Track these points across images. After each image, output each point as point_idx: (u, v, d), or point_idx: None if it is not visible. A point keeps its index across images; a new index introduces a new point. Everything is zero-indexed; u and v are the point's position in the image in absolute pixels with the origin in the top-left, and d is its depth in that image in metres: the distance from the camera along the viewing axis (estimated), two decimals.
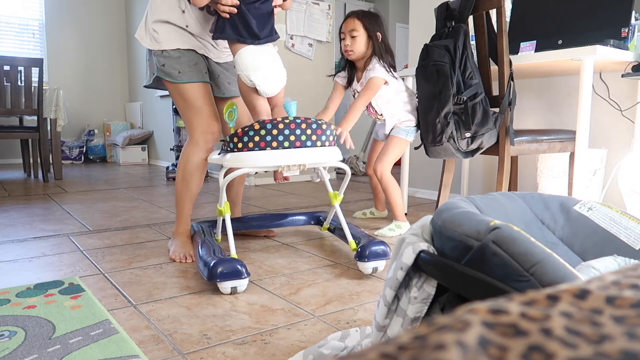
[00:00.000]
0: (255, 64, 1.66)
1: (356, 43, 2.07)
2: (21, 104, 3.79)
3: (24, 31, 5.63)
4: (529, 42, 2.22)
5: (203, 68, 1.83)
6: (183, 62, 1.77)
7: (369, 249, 1.57)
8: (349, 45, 2.08)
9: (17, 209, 2.75)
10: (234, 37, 1.67)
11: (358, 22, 2.07)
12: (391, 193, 2.24)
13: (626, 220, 0.79)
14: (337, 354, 0.97)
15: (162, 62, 1.77)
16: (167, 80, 1.79)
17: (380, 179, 2.23)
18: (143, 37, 1.82)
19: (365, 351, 0.24)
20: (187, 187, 1.83)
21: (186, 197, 1.85)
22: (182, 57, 1.78)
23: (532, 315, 0.27)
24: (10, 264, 1.73)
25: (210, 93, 1.85)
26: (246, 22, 1.65)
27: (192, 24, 1.78)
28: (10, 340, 1.11)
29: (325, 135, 1.63)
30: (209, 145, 1.81)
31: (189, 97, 1.79)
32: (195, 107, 1.79)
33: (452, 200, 0.76)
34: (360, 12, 2.12)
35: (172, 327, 1.21)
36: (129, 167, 5.41)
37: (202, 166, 1.83)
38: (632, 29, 2.04)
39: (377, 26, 2.10)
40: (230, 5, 1.63)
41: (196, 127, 1.79)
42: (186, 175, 1.82)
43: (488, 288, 0.58)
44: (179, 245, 1.83)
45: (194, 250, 1.79)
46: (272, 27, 1.73)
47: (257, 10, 1.66)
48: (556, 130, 2.13)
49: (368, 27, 2.07)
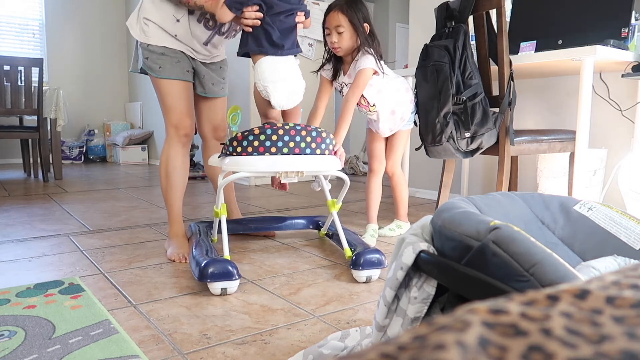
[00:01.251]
0: (273, 75, 1.65)
1: (343, 39, 1.96)
2: (21, 104, 3.79)
3: (24, 31, 5.63)
4: (529, 42, 2.22)
5: (185, 66, 1.86)
6: (165, 59, 1.82)
7: (364, 257, 1.56)
8: (336, 42, 1.97)
9: (17, 209, 2.75)
10: (256, 49, 1.68)
11: (342, 17, 1.94)
12: (402, 191, 2.22)
13: (626, 220, 0.79)
14: (337, 354, 0.97)
15: (146, 55, 1.81)
16: (149, 74, 1.84)
17: (392, 177, 2.20)
18: (133, 26, 1.85)
19: (365, 351, 0.24)
20: (170, 183, 1.86)
21: (172, 194, 1.87)
22: (165, 53, 1.83)
23: (532, 315, 0.27)
24: (10, 264, 1.73)
25: (188, 91, 1.88)
26: (268, 34, 1.65)
27: (181, 34, 1.82)
28: (10, 340, 1.11)
29: (325, 143, 1.63)
30: (181, 140, 1.85)
31: (165, 93, 1.83)
32: (169, 103, 1.84)
33: (452, 200, 0.76)
34: (343, 4, 1.95)
35: (172, 327, 1.21)
36: (129, 167, 5.41)
37: (182, 161, 1.87)
38: (632, 29, 2.04)
39: (362, 16, 1.96)
40: (254, 18, 1.63)
41: (169, 121, 1.85)
42: (168, 171, 1.85)
43: (488, 288, 0.58)
44: (176, 246, 1.83)
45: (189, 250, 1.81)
46: (295, 40, 1.72)
47: (281, 23, 1.66)
48: (556, 130, 2.13)
49: (353, 21, 1.94)
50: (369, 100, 2.05)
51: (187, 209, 2.80)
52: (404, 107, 2.09)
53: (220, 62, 2.02)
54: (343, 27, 1.94)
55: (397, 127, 2.12)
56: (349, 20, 1.94)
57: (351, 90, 1.97)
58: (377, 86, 2.02)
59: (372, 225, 2.14)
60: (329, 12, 1.98)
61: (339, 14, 1.94)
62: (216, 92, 2.01)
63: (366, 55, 1.96)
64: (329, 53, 2.10)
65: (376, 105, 2.06)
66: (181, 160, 1.86)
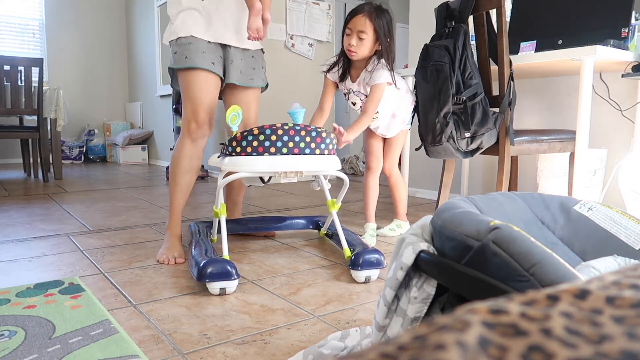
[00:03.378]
0: None
1: (363, 45, 1.90)
2: (21, 104, 3.80)
3: (24, 31, 5.63)
4: (529, 42, 2.22)
5: (211, 57, 1.79)
6: (192, 49, 1.77)
7: (363, 257, 1.55)
8: (354, 46, 1.90)
9: (17, 209, 2.75)
10: None
11: (369, 24, 1.88)
12: (400, 191, 2.22)
13: (626, 220, 0.79)
14: (337, 354, 0.97)
15: (174, 50, 1.79)
16: (175, 69, 1.80)
17: (390, 177, 2.20)
18: (167, 37, 1.86)
19: (365, 351, 0.24)
20: (175, 182, 1.83)
21: (175, 193, 1.84)
22: (192, 44, 1.78)
23: (532, 315, 0.27)
24: (10, 264, 1.73)
25: (213, 83, 1.81)
26: None
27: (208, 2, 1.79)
28: (10, 340, 1.11)
29: (325, 143, 1.63)
30: (192, 135, 1.80)
31: (187, 83, 1.79)
32: (188, 94, 1.79)
33: (452, 200, 0.76)
34: (373, 11, 1.89)
35: (172, 327, 1.21)
36: (129, 167, 5.41)
37: (189, 163, 1.81)
38: (632, 29, 2.04)
39: (388, 30, 1.92)
40: None
41: (184, 114, 1.81)
42: (174, 171, 1.83)
43: (488, 288, 0.58)
44: (168, 246, 1.80)
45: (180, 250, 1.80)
46: None
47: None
48: (556, 130, 2.13)
49: (379, 32, 1.89)
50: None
51: (187, 209, 2.80)
52: (405, 109, 2.10)
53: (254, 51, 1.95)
54: (366, 34, 1.89)
55: (397, 129, 2.12)
56: (374, 28, 1.89)
57: (369, 104, 1.95)
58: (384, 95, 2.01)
59: (371, 225, 2.14)
60: (356, 14, 1.91)
61: (366, 19, 1.88)
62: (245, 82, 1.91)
63: (384, 69, 1.94)
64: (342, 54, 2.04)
65: (379, 112, 2.07)
66: (188, 163, 1.81)
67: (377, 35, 1.91)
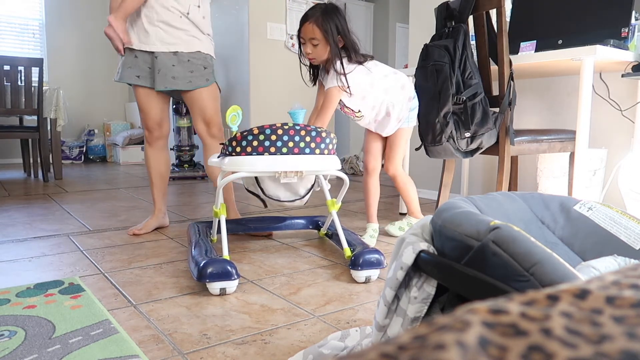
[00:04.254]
0: None
1: (318, 50, 1.92)
2: (21, 104, 3.80)
3: (24, 31, 5.63)
4: (529, 42, 2.22)
5: (135, 72, 2.01)
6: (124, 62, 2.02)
7: (363, 257, 1.55)
8: (310, 53, 1.93)
9: (17, 209, 2.75)
10: None
11: (317, 30, 1.88)
12: (409, 190, 2.18)
13: (626, 220, 0.79)
14: (337, 354, 0.97)
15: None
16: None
17: (395, 178, 2.16)
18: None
19: (365, 351, 0.24)
20: (150, 179, 2.21)
21: (152, 188, 2.23)
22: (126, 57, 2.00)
23: (532, 315, 0.27)
24: (10, 264, 1.73)
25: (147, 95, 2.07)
26: None
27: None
28: (10, 340, 1.11)
29: (325, 143, 1.63)
30: (148, 139, 2.17)
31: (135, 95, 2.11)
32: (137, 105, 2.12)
33: (452, 200, 0.76)
34: (319, 16, 1.89)
35: (172, 327, 1.21)
36: (129, 167, 5.41)
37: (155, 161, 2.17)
38: (632, 29, 2.04)
39: (336, 28, 1.90)
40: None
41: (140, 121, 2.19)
42: (147, 169, 2.21)
43: (488, 288, 0.58)
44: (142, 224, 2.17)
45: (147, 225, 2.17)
46: None
47: None
48: (556, 130, 2.13)
49: (326, 35, 1.89)
50: (353, 108, 2.02)
51: (187, 209, 2.80)
52: (399, 107, 2.02)
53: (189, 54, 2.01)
54: (317, 40, 1.90)
55: (395, 128, 2.09)
56: (322, 33, 1.89)
57: (322, 110, 1.94)
58: (360, 93, 1.97)
59: (373, 225, 2.14)
60: (304, 23, 1.93)
61: (313, 26, 1.89)
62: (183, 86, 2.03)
63: (331, 74, 1.92)
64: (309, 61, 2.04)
65: (362, 110, 2.02)
66: (154, 160, 2.17)
67: (326, 40, 1.90)
